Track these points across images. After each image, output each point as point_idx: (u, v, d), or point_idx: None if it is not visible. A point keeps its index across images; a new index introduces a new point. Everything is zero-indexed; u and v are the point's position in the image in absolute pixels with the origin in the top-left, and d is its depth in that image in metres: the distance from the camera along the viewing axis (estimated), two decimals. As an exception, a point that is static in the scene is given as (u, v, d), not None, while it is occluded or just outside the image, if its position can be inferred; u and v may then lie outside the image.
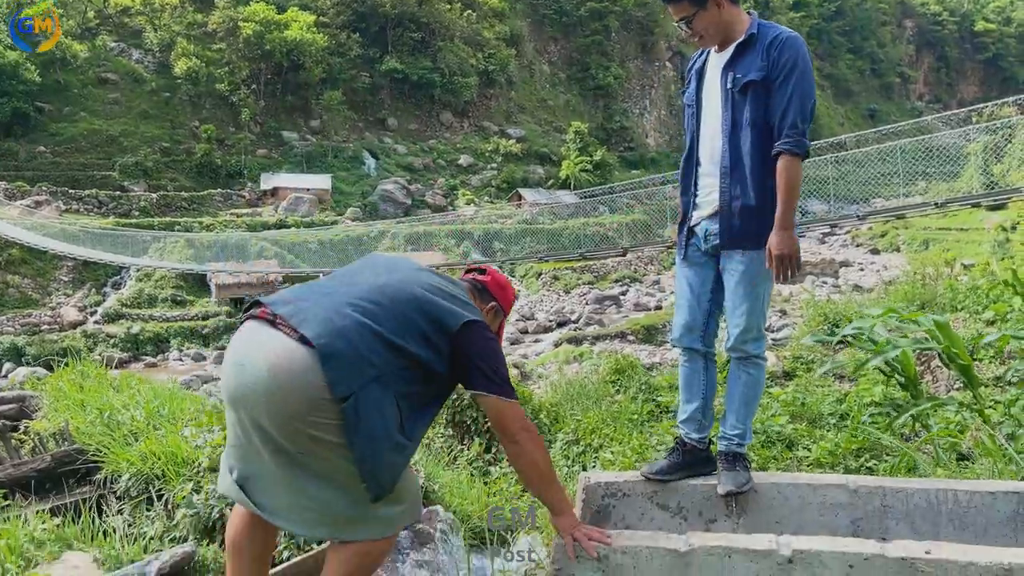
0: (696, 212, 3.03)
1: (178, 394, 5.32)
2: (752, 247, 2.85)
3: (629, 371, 8.35)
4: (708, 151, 3.00)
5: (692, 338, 3.04)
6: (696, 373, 3.07)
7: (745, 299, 2.86)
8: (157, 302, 36.52)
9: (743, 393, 2.96)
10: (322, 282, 2.51)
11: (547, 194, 54.91)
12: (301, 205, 47.99)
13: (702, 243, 3.00)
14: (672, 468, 3.00)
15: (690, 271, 3.05)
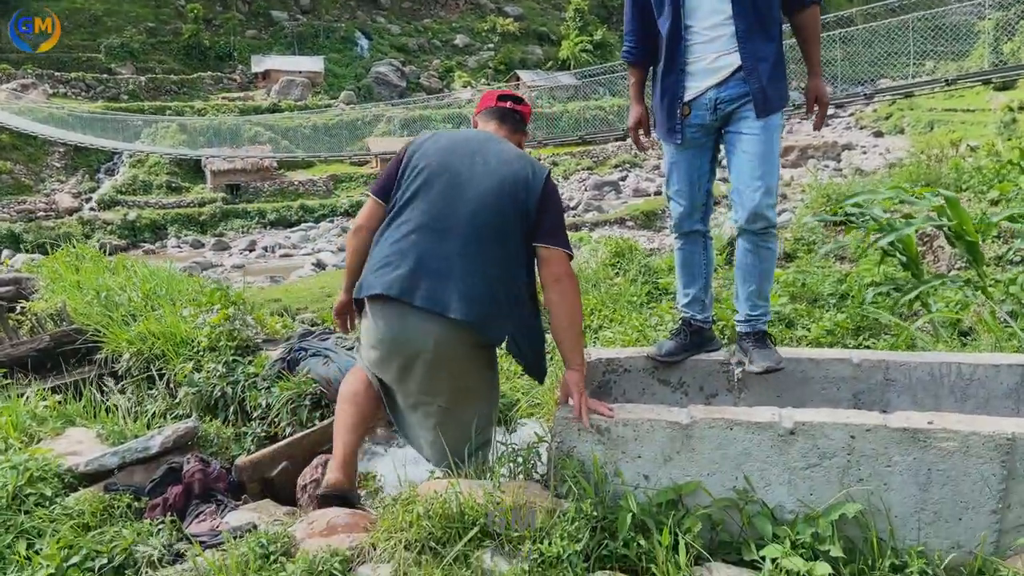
0: (694, 84, 2.81)
1: (175, 276, 5.28)
2: (776, 107, 2.74)
3: (628, 254, 8.30)
4: (706, 15, 2.77)
5: (692, 221, 2.97)
6: (696, 255, 3.01)
7: (764, 162, 2.72)
8: (152, 189, 36.11)
9: (763, 269, 2.83)
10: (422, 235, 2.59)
11: (546, 76, 53.42)
12: (294, 88, 46.77)
13: (708, 116, 2.80)
14: (680, 349, 2.97)
15: (688, 154, 2.90)
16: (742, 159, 2.74)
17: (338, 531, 2.42)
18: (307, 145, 38.48)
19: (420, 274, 2.53)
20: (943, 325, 4.55)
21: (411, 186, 2.64)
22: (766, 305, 2.88)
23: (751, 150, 2.73)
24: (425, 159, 2.66)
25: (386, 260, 2.58)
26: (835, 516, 2.25)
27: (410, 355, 2.61)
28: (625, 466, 2.43)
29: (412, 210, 2.61)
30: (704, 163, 2.91)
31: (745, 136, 2.74)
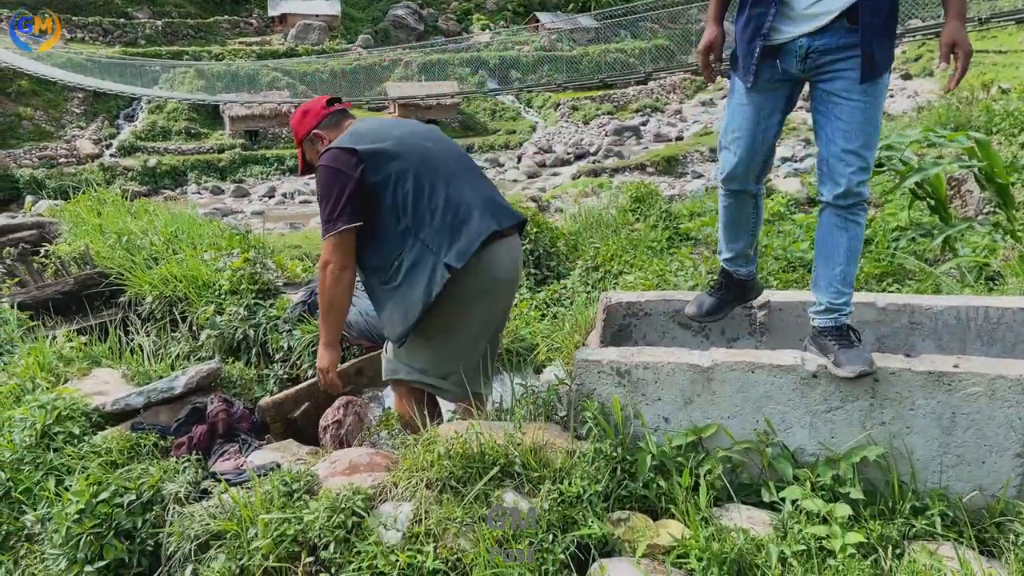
0: (786, 27, 2.38)
1: (196, 220, 5.29)
2: (884, 69, 2.33)
3: (649, 199, 8.20)
4: None
5: (745, 180, 2.60)
6: (744, 213, 2.68)
7: (862, 134, 2.33)
8: (171, 135, 36.12)
9: (854, 248, 2.44)
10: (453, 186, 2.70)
11: (566, 18, 52.33)
12: (311, 32, 46.24)
13: (795, 64, 2.39)
14: (721, 305, 2.74)
15: (759, 98, 2.49)
16: (836, 127, 2.36)
17: (360, 470, 2.45)
18: (325, 90, 38.15)
19: (478, 210, 2.68)
20: (970, 270, 4.47)
21: (392, 176, 2.62)
22: (850, 293, 2.47)
23: (849, 118, 2.34)
24: (382, 160, 2.63)
25: (453, 222, 2.62)
26: (856, 459, 2.25)
27: (515, 278, 2.86)
28: (645, 408, 2.43)
29: (411, 187, 2.63)
30: (776, 115, 2.53)
31: (843, 101, 2.34)
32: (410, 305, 2.63)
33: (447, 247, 2.60)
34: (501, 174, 32.54)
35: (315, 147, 2.80)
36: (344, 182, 2.57)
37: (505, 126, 40.71)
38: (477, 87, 40.58)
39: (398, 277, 2.65)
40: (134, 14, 45.45)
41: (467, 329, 2.76)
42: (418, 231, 2.62)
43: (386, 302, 2.71)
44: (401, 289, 2.64)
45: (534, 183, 30.39)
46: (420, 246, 2.61)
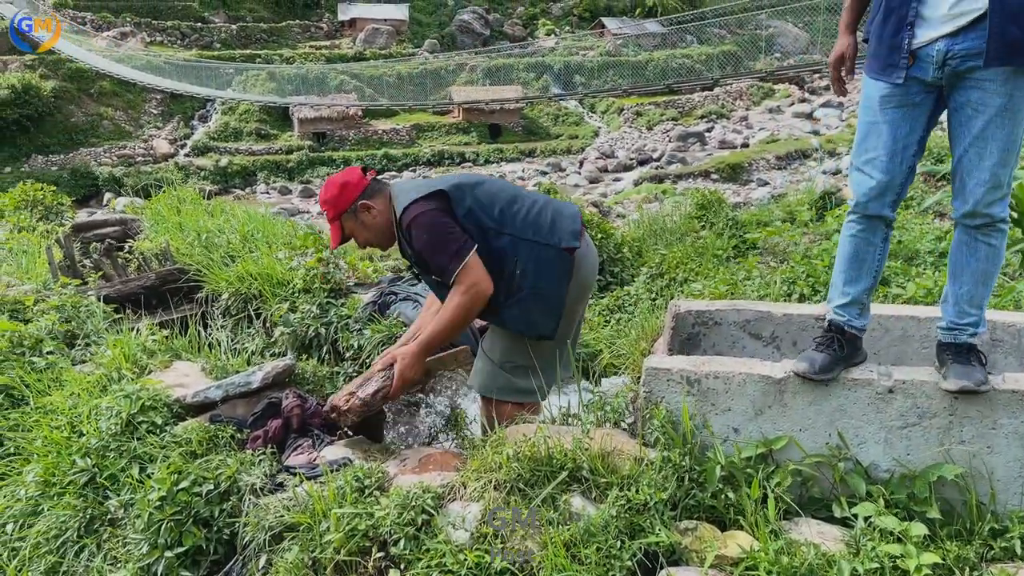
0: (923, 29, 2.22)
1: (270, 219, 5.45)
2: (1019, 60, 2.11)
3: (714, 207, 8.12)
4: None
5: (882, 203, 2.37)
6: (872, 247, 2.43)
7: (999, 144, 2.17)
8: (243, 136, 37.18)
9: (982, 270, 2.30)
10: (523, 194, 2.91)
11: (632, 23, 52.05)
12: (378, 37, 47.01)
13: (932, 71, 2.21)
14: (834, 363, 2.38)
15: (899, 113, 2.28)
16: (970, 141, 2.21)
17: (430, 469, 2.50)
18: (391, 94, 38.77)
19: (557, 204, 2.88)
20: (1053, 287, 4.31)
21: (477, 203, 2.75)
22: (978, 314, 2.35)
23: (979, 128, 2.19)
24: (461, 193, 2.75)
25: (549, 218, 2.79)
26: (933, 477, 2.20)
27: (595, 275, 3.01)
28: (714, 418, 2.42)
29: (498, 205, 2.78)
30: (916, 129, 2.32)
31: (979, 113, 2.18)
32: (550, 300, 2.76)
33: (558, 234, 2.76)
34: (563, 179, 32.58)
35: (360, 218, 2.78)
36: (444, 220, 2.66)
37: (568, 131, 40.72)
38: (541, 92, 40.67)
39: (525, 282, 2.73)
40: (210, 18, 46.91)
41: (572, 324, 2.93)
42: (524, 234, 2.74)
43: (519, 313, 2.77)
44: (533, 290, 2.74)
45: (595, 188, 30.34)
46: (532, 245, 2.73)
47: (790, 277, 5.01)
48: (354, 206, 2.77)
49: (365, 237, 2.83)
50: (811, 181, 23.12)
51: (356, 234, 2.83)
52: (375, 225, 2.78)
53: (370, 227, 2.79)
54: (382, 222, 2.78)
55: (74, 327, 3.97)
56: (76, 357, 3.76)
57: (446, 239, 2.62)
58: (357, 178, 2.80)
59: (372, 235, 2.82)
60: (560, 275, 2.74)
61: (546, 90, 41.04)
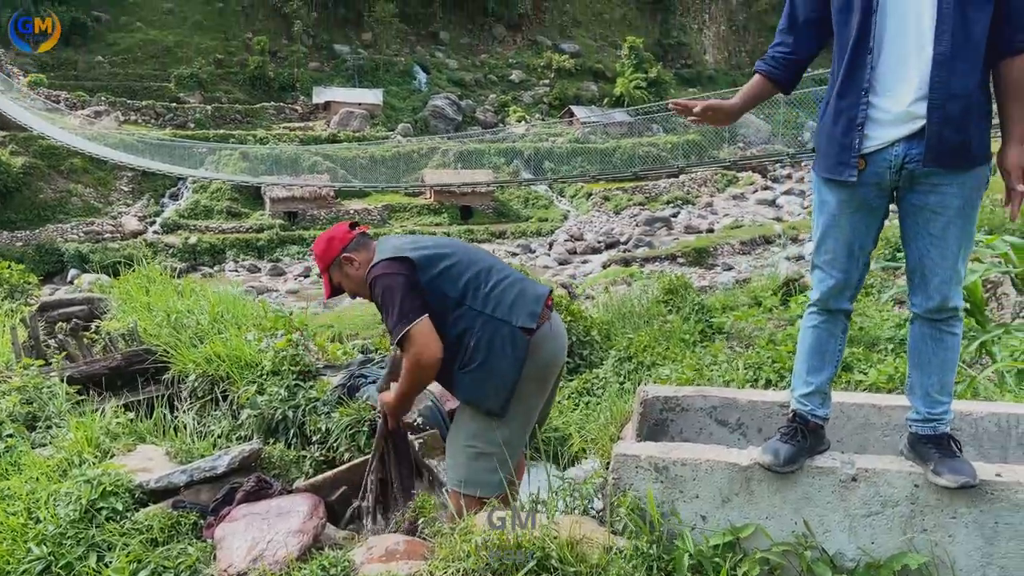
0: (877, 131, 2.24)
1: (240, 300, 5.44)
2: (973, 166, 2.19)
3: (681, 291, 8.27)
4: (902, 35, 2.18)
5: (841, 298, 2.45)
6: (834, 338, 2.49)
7: (958, 242, 2.24)
8: (213, 214, 37.23)
9: (949, 359, 2.35)
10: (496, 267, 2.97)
11: (600, 112, 53.75)
12: (352, 120, 47.89)
13: (888, 175, 2.24)
14: (798, 454, 2.39)
15: (857, 216, 2.33)
16: (930, 241, 2.26)
17: (396, 558, 2.47)
18: (364, 175, 39.25)
19: (527, 283, 2.93)
20: (1009, 374, 4.44)
21: (445, 270, 2.82)
22: (949, 402, 2.38)
23: (938, 228, 2.24)
24: (431, 259, 2.83)
25: (513, 294, 2.82)
26: (897, 566, 2.22)
27: (565, 353, 2.99)
28: (683, 506, 2.44)
29: (466, 275, 2.83)
30: (871, 230, 2.37)
31: (938, 215, 2.24)
32: (500, 376, 2.76)
33: (516, 313, 2.78)
34: (532, 260, 32.93)
35: (344, 270, 2.92)
36: (404, 283, 2.73)
37: (538, 214, 41.40)
38: (511, 176, 41.47)
39: (477, 355, 2.76)
40: (186, 99, 47.54)
41: (533, 406, 2.91)
42: (484, 307, 2.78)
43: (470, 383, 2.81)
44: (485, 365, 2.76)
45: (564, 270, 30.69)
46: (490, 320, 2.77)
47: (756, 362, 5.10)
48: (338, 259, 2.90)
49: (349, 287, 2.95)
50: (775, 266, 23.65)
51: (343, 284, 2.96)
52: (357, 277, 2.89)
53: (352, 279, 2.90)
54: (363, 274, 2.87)
55: (36, 409, 3.89)
56: (36, 440, 3.68)
57: (397, 301, 2.72)
58: (343, 233, 2.94)
59: (355, 286, 2.92)
60: (513, 354, 2.75)
61: (516, 174, 41.86)
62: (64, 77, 45.61)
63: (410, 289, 2.73)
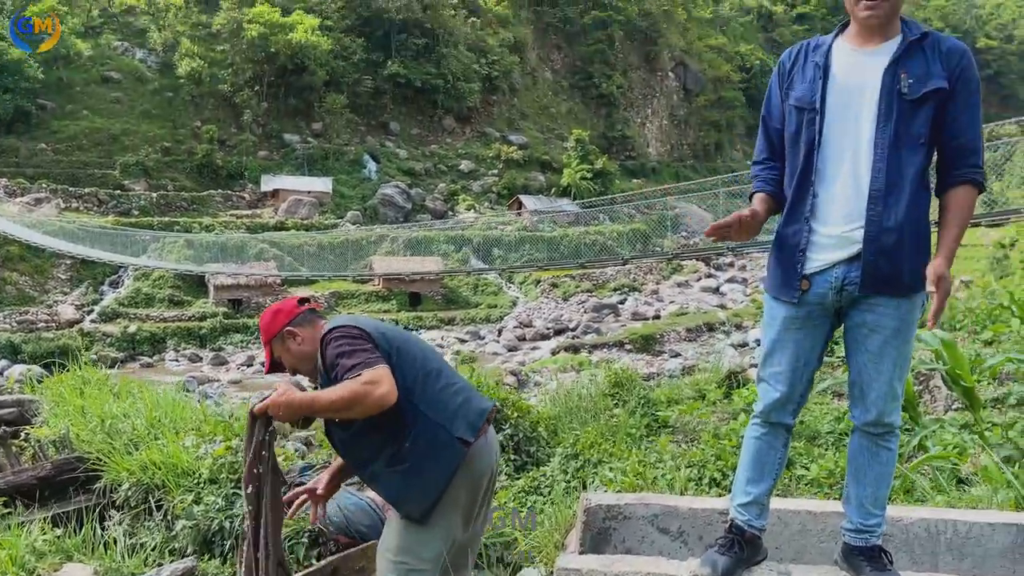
0: (819, 254, 2.41)
1: (180, 402, 5.32)
2: (907, 293, 2.36)
3: (628, 384, 8.34)
4: (844, 169, 2.38)
5: (784, 412, 2.55)
6: (774, 451, 2.58)
7: (894, 361, 2.38)
8: (155, 302, 36.52)
9: (884, 473, 2.47)
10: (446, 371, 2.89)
11: (548, 201, 54.98)
12: (301, 207, 48.02)
13: (831, 295, 2.40)
14: (735, 565, 2.46)
15: (802, 333, 2.47)
16: (867, 358, 2.40)
17: None
18: (312, 263, 39.14)
19: (473, 392, 2.88)
20: (941, 471, 4.56)
21: (396, 357, 2.71)
22: (882, 514, 2.48)
23: (876, 347, 2.38)
24: (386, 341, 2.73)
25: (458, 401, 2.77)
26: None
27: (494, 470, 2.88)
28: (625, 621, 2.43)
29: (415, 369, 2.74)
30: (816, 347, 2.50)
31: (875, 333, 2.38)
32: (429, 483, 2.66)
33: (457, 423, 2.70)
34: (482, 347, 32.89)
35: (286, 344, 2.81)
36: (363, 338, 2.65)
37: (487, 300, 41.64)
38: (461, 263, 41.80)
39: (411, 456, 2.67)
40: (131, 186, 47.18)
41: (458, 520, 2.77)
42: (428, 408, 2.70)
43: (397, 483, 2.70)
44: (416, 468, 2.66)
45: (514, 356, 30.69)
46: (430, 422, 2.68)
47: (700, 460, 5.13)
48: (282, 332, 2.80)
49: (290, 362, 2.84)
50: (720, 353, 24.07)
51: (283, 358, 2.85)
52: (299, 352, 2.80)
53: (295, 354, 2.80)
54: (307, 350, 2.78)
55: (-45, 523, 3.71)
56: (-46, 558, 3.49)
57: (359, 350, 2.61)
58: (290, 307, 2.87)
59: (296, 361, 2.82)
60: (447, 462, 2.66)
61: (465, 262, 42.20)
62: (5, 164, 44.99)
63: (372, 344, 2.64)
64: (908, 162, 2.32)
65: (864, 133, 2.35)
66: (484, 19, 67.00)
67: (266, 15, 53.71)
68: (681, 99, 78.15)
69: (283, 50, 53.51)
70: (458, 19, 64.17)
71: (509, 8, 69.64)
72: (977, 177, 2.37)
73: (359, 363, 2.55)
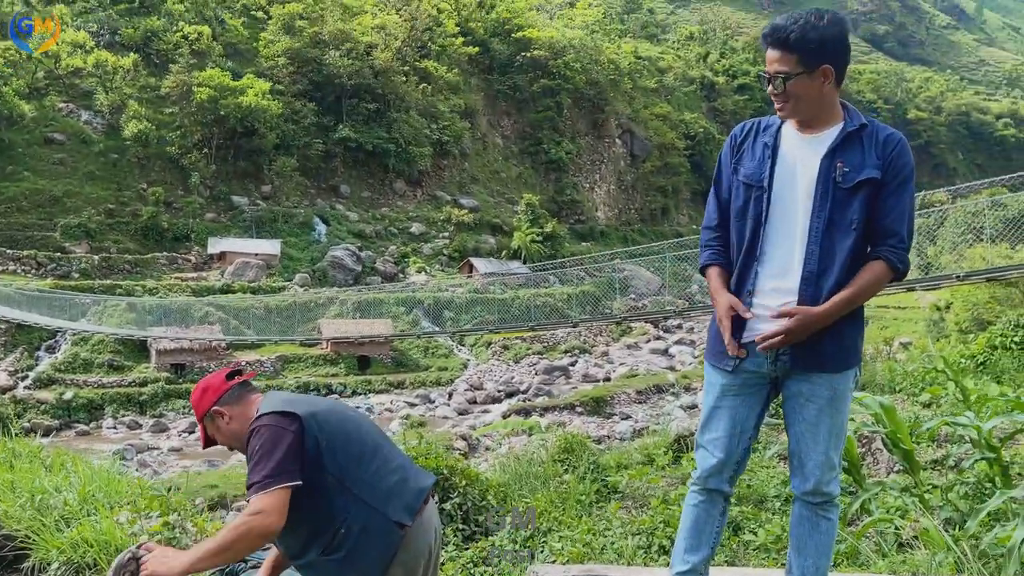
0: (756, 324, 2.50)
1: (115, 476, 5.13)
2: (842, 367, 2.45)
3: (577, 449, 8.33)
4: (784, 247, 2.50)
5: (721, 479, 2.60)
6: (712, 518, 2.61)
7: (829, 430, 2.44)
8: (93, 367, 35.34)
9: (824, 543, 2.50)
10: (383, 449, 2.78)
11: (499, 263, 55.32)
12: (248, 270, 47.43)
13: (766, 364, 2.49)
14: None
15: (739, 400, 2.55)
16: (804, 428, 2.47)
17: None
18: (259, 326, 38.52)
19: (411, 470, 2.77)
20: (884, 534, 4.62)
21: (329, 440, 2.62)
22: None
23: (811, 417, 2.45)
24: (319, 423, 2.64)
25: (394, 482, 2.66)
26: None
27: (433, 547, 2.78)
28: None
29: (350, 451, 2.65)
30: (753, 414, 2.57)
31: (810, 403, 2.45)
32: (365, 569, 2.56)
33: (393, 505, 2.60)
34: (432, 410, 32.53)
35: (216, 423, 2.72)
36: (287, 440, 2.52)
37: (437, 363, 41.32)
38: (411, 325, 41.58)
39: (345, 544, 2.56)
40: (71, 249, 46.12)
41: None
42: (361, 492, 2.59)
43: (332, 571, 2.60)
44: (350, 556, 2.56)
45: (465, 420, 30.40)
46: (364, 507, 2.58)
47: (649, 527, 5.13)
48: (210, 411, 2.70)
49: (222, 441, 2.75)
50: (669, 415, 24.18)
51: (215, 437, 2.76)
52: (228, 431, 2.70)
53: (224, 433, 2.71)
54: (236, 429, 2.68)
55: None
56: None
57: (276, 457, 2.50)
58: (218, 383, 2.74)
59: (227, 440, 2.72)
60: (383, 548, 2.57)
61: (416, 324, 42.00)
62: (-61, 226, 43.76)
63: (293, 451, 2.52)
64: (840, 247, 2.41)
65: (801, 216, 2.46)
66: (435, 85, 68.15)
67: (216, 78, 53.80)
68: (628, 165, 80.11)
69: (233, 113, 53.48)
70: (409, 85, 65.14)
71: (460, 76, 71.03)
72: (890, 256, 2.42)
73: (258, 482, 2.46)
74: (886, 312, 34.72)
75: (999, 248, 20.06)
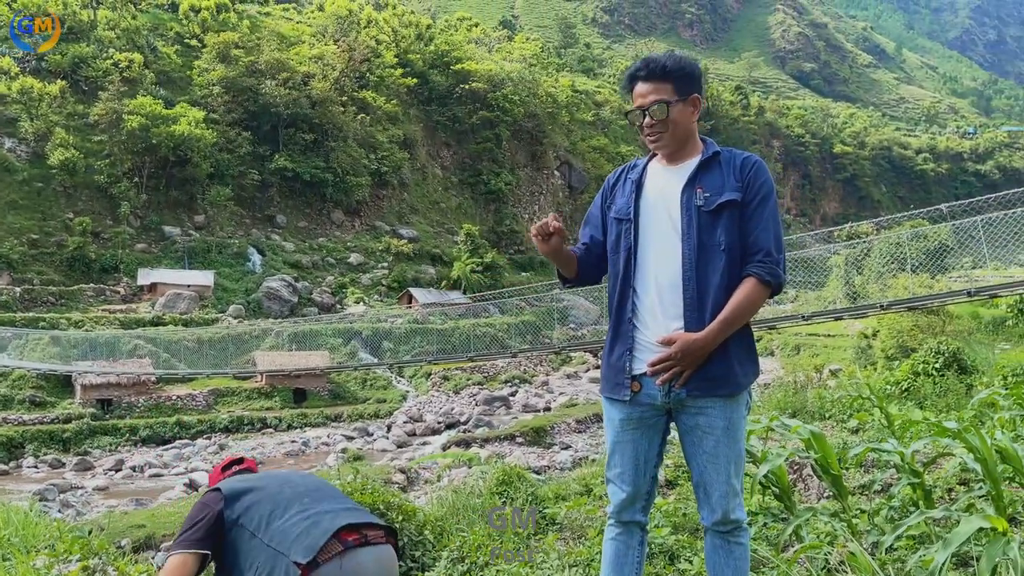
0: (645, 355, 2.55)
1: (33, 518, 4.91)
2: (731, 392, 2.50)
3: (516, 482, 8.29)
4: (659, 276, 2.57)
5: (633, 510, 2.64)
6: (631, 550, 2.65)
7: (729, 460, 2.49)
8: (13, 404, 33.80)
9: (740, 567, 2.54)
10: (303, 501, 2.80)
11: (438, 294, 55.12)
12: (180, 302, 46.22)
13: (660, 397, 2.53)
14: None
15: (638, 433, 2.59)
16: (705, 459, 2.51)
17: None
18: (191, 360, 37.49)
19: (331, 514, 2.72)
20: (814, 560, 4.70)
21: (251, 505, 2.75)
22: None
23: (710, 447, 2.50)
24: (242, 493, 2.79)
25: (304, 527, 2.64)
26: None
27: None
28: None
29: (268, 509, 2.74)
30: (653, 446, 2.61)
31: (708, 434, 2.50)
32: None
33: (296, 547, 2.60)
34: (370, 444, 32.03)
35: None
36: (204, 513, 2.70)
37: (376, 395, 40.75)
38: (348, 357, 41.01)
39: None
40: (-9, 280, 44.35)
41: None
42: (270, 540, 2.65)
43: None
44: None
45: (404, 452, 30.03)
46: (273, 553, 2.61)
47: (586, 558, 5.12)
48: None
49: None
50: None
51: None
52: None
53: None
54: None
55: None
56: None
57: (188, 525, 2.70)
58: (216, 474, 2.99)
59: None
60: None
61: (354, 355, 41.45)
62: None
63: (205, 521, 2.68)
64: (713, 269, 2.50)
65: (672, 244, 2.56)
66: (374, 116, 68.09)
67: (148, 106, 52.72)
68: (566, 196, 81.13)
69: (165, 142, 52.37)
70: (347, 115, 64.92)
71: (399, 106, 71.15)
72: (759, 271, 2.50)
73: (175, 544, 2.68)
74: (817, 340, 35.72)
75: (920, 278, 20.91)
